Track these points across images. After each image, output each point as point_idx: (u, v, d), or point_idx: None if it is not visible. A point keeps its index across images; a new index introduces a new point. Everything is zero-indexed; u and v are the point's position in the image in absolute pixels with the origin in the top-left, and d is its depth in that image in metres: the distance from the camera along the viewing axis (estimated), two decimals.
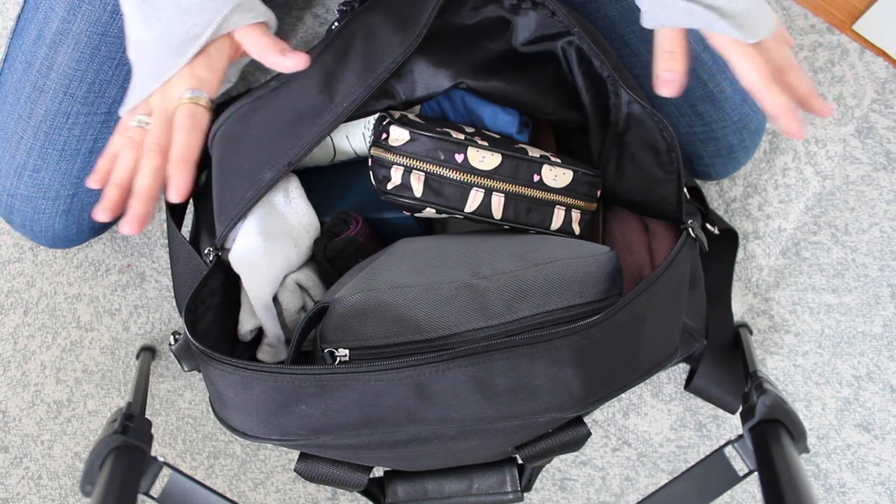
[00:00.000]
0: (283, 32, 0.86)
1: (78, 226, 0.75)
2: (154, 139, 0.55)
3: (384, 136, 0.62)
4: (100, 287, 0.88)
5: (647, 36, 0.70)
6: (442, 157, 0.61)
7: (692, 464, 0.58)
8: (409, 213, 0.65)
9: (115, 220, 0.80)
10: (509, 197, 0.63)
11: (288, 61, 0.56)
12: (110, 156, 0.58)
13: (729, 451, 0.57)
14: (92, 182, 0.57)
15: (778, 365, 0.87)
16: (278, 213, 0.66)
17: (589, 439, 0.59)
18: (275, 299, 0.65)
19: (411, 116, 0.65)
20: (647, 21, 0.59)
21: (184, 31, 0.55)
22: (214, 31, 0.55)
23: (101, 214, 0.56)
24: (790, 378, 0.87)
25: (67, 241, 0.76)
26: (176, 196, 0.54)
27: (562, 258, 0.58)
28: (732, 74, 0.72)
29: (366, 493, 0.63)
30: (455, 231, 0.76)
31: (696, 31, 0.70)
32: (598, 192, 0.67)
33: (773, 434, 0.54)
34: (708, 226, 0.71)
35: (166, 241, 0.86)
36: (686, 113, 0.74)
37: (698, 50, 0.70)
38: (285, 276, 0.66)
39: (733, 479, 0.57)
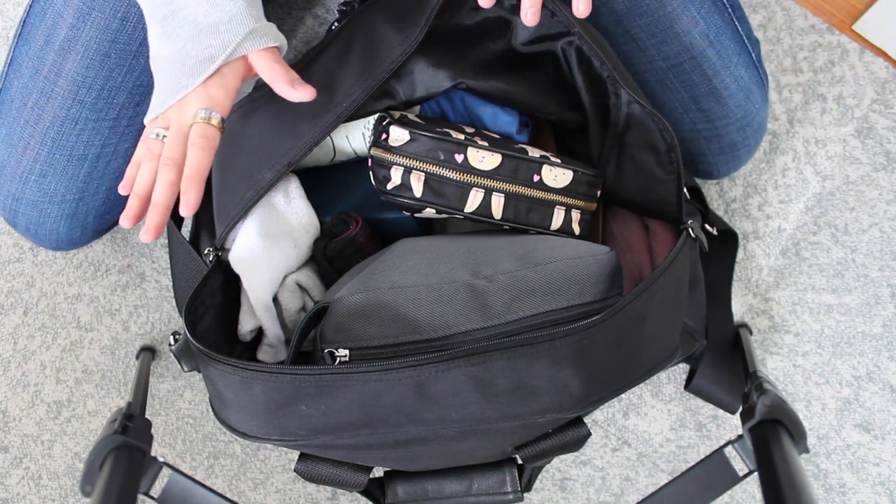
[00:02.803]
0: (284, 32, 0.86)
1: (82, 229, 0.75)
2: (169, 154, 0.57)
3: (384, 136, 0.62)
4: (100, 287, 0.88)
5: (654, 30, 0.70)
6: (442, 158, 0.61)
7: (692, 464, 0.58)
8: (409, 214, 0.65)
9: (116, 221, 0.80)
10: (509, 197, 0.63)
11: (297, 94, 0.58)
12: (135, 164, 0.60)
13: (729, 451, 0.57)
14: (122, 189, 0.59)
15: (778, 365, 0.87)
16: (278, 213, 0.66)
17: (589, 439, 0.59)
18: (275, 299, 0.65)
19: (411, 117, 0.65)
20: None
21: (199, 51, 0.57)
22: (228, 55, 0.57)
23: (124, 222, 0.58)
24: (790, 378, 0.87)
25: (71, 243, 0.76)
26: (186, 211, 0.56)
27: (562, 258, 0.58)
28: (736, 71, 0.72)
29: (366, 493, 0.63)
30: (455, 231, 0.76)
31: (703, 28, 0.70)
32: (598, 192, 0.67)
33: (773, 434, 0.54)
34: (707, 226, 0.71)
35: (166, 241, 0.86)
36: (690, 110, 0.74)
37: (703, 46, 0.70)
38: (285, 277, 0.66)
39: (733, 479, 0.57)
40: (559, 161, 0.64)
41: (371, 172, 0.64)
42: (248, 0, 0.58)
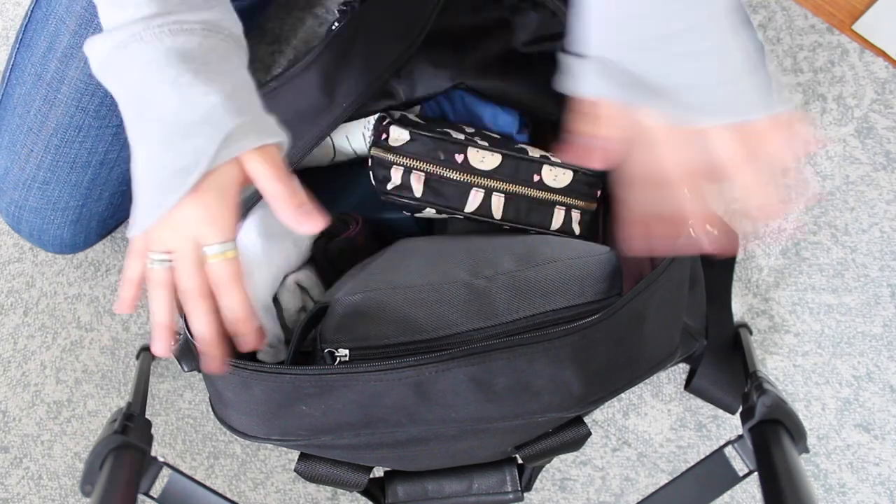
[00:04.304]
0: (284, 32, 0.86)
1: (86, 234, 0.75)
2: (192, 286, 0.48)
3: (384, 136, 0.62)
4: (100, 287, 0.88)
5: None
6: (442, 158, 0.61)
7: (692, 464, 0.58)
8: (409, 214, 0.65)
9: (119, 223, 0.80)
10: (509, 197, 0.63)
11: (303, 227, 0.48)
12: (134, 283, 0.51)
13: (729, 451, 0.57)
14: (119, 308, 0.52)
15: (778, 365, 0.87)
16: None
17: (589, 439, 0.59)
18: (275, 299, 0.65)
19: (411, 117, 0.65)
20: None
21: (171, 161, 0.46)
22: (206, 165, 0.45)
23: (160, 350, 0.51)
24: (790, 378, 0.87)
25: (75, 248, 0.76)
26: (253, 346, 0.51)
27: (562, 258, 0.58)
28: None
29: (366, 493, 0.63)
30: (455, 231, 0.76)
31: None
32: (598, 192, 0.67)
33: (773, 434, 0.54)
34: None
35: None
36: None
37: None
38: (285, 277, 0.66)
39: (733, 479, 0.57)
40: (559, 161, 0.64)
41: (371, 172, 0.64)
42: (230, 90, 0.47)
